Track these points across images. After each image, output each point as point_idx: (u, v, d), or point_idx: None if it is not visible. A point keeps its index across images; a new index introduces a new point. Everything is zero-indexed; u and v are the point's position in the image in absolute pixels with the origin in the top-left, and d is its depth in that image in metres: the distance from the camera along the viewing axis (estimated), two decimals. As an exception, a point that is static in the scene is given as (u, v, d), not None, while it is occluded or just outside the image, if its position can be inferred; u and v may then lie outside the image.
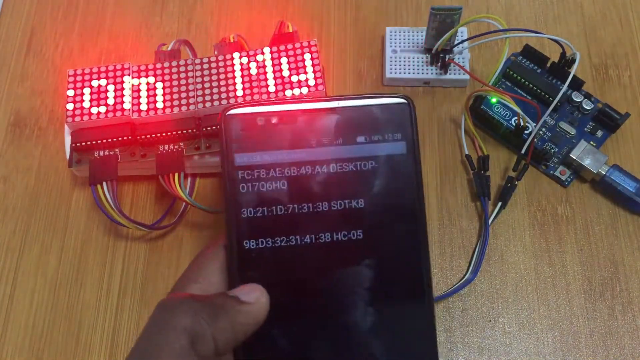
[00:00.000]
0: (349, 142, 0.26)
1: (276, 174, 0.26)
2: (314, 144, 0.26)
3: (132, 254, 0.41)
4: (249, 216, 0.26)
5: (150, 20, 0.49)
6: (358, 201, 0.26)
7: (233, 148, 0.26)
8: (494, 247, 0.41)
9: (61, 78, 0.46)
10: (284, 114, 0.26)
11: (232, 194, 0.26)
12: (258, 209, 0.26)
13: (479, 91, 0.42)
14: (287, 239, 0.26)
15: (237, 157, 0.26)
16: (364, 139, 0.26)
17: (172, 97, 0.40)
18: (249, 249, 0.25)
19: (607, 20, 0.48)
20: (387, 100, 0.27)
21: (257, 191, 0.26)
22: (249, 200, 0.26)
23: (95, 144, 0.39)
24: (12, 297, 0.40)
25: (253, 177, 0.26)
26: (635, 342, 0.38)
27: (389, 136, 0.26)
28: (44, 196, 0.43)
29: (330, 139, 0.26)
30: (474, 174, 0.42)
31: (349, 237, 0.26)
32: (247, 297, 0.24)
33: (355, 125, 0.26)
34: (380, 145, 0.26)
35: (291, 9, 0.49)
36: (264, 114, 0.26)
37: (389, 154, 0.26)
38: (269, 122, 0.26)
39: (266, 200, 0.26)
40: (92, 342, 0.39)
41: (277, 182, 0.26)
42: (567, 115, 0.44)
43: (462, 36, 0.45)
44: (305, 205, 0.26)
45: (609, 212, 0.42)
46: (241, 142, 0.26)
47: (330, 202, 0.26)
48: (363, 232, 0.26)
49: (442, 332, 0.38)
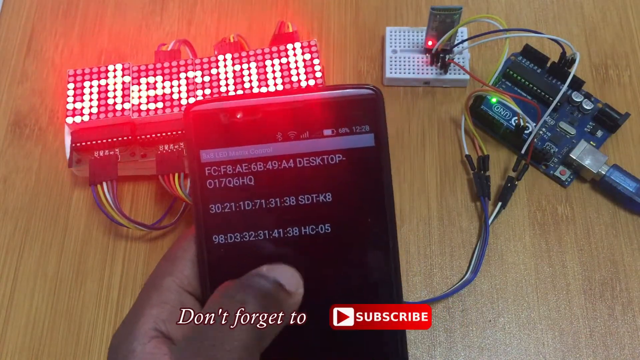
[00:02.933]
0: (315, 135, 0.26)
1: (243, 169, 0.26)
2: (280, 138, 0.26)
3: (132, 254, 0.41)
4: (217, 212, 0.26)
5: (150, 20, 0.49)
6: (326, 195, 0.26)
7: (198, 145, 0.26)
8: (494, 247, 0.41)
9: (61, 78, 0.46)
10: (249, 109, 0.26)
11: (200, 190, 0.26)
12: (226, 205, 0.26)
13: (479, 91, 0.42)
14: (255, 234, 0.26)
15: (203, 154, 0.26)
16: (330, 132, 0.26)
17: (172, 97, 0.40)
18: (217, 243, 0.26)
19: (607, 20, 0.48)
20: (354, 92, 0.26)
21: (224, 187, 0.26)
22: (216, 196, 0.26)
23: (95, 144, 0.39)
24: (12, 297, 0.40)
25: (220, 173, 0.26)
26: (635, 342, 0.38)
27: (357, 128, 0.26)
28: (44, 196, 0.43)
29: (297, 132, 0.26)
30: (474, 174, 0.42)
31: (317, 232, 0.26)
32: (295, 288, 0.24)
33: (322, 118, 0.26)
34: (347, 138, 0.26)
35: (291, 9, 0.49)
36: (228, 110, 0.26)
37: (357, 146, 0.26)
38: (233, 117, 0.26)
39: (233, 196, 0.26)
40: (92, 342, 0.39)
41: (244, 177, 0.26)
42: (567, 115, 0.44)
43: (462, 36, 0.45)
44: (273, 200, 0.26)
45: (609, 212, 0.42)
46: (206, 138, 0.26)
47: (298, 197, 0.26)
48: (331, 226, 0.26)
49: (442, 332, 0.39)
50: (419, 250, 0.41)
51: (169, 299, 0.24)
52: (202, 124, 0.26)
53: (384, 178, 0.26)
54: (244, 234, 0.26)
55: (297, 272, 0.25)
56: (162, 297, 0.24)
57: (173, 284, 0.25)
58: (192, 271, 0.26)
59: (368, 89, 0.26)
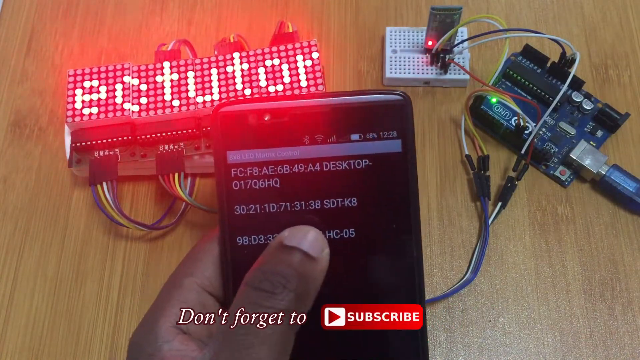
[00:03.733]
0: (342, 139, 0.26)
1: (269, 171, 0.26)
2: (307, 141, 0.26)
3: (132, 254, 0.41)
4: (241, 213, 0.26)
5: (150, 20, 0.49)
6: (351, 200, 0.26)
7: (225, 146, 0.26)
8: (494, 247, 0.41)
9: (61, 78, 0.46)
10: (277, 111, 0.26)
11: (225, 191, 0.26)
12: (251, 206, 0.26)
13: (479, 91, 0.42)
14: None
15: (230, 155, 0.26)
16: (358, 137, 0.26)
17: (172, 97, 0.40)
18: (241, 245, 0.26)
19: (607, 20, 0.48)
20: (383, 97, 0.26)
21: (249, 189, 0.26)
22: (241, 197, 0.26)
23: (95, 144, 0.39)
24: (12, 297, 0.40)
25: (246, 175, 0.26)
26: (635, 342, 0.38)
27: (385, 134, 0.26)
28: (44, 196, 0.43)
29: (324, 136, 0.26)
30: (474, 174, 0.42)
31: (341, 236, 0.26)
32: (320, 252, 0.24)
33: (350, 123, 0.26)
34: (375, 143, 0.26)
35: (291, 9, 0.49)
36: (256, 112, 0.26)
37: (384, 152, 0.26)
38: (261, 119, 0.26)
39: (259, 198, 0.26)
40: (92, 342, 0.39)
41: (270, 180, 0.26)
42: (567, 115, 0.44)
43: (462, 36, 0.45)
44: (298, 204, 0.26)
45: (609, 212, 0.42)
46: (234, 139, 0.26)
47: (323, 201, 0.26)
48: (356, 231, 0.26)
49: (442, 332, 0.39)
50: (419, 250, 0.41)
51: (189, 298, 0.24)
52: (229, 125, 0.26)
53: (410, 184, 0.26)
54: (268, 236, 0.25)
55: (319, 233, 0.25)
56: (183, 296, 0.24)
57: (194, 284, 0.25)
58: (214, 272, 0.26)
59: (397, 95, 0.26)
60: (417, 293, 0.26)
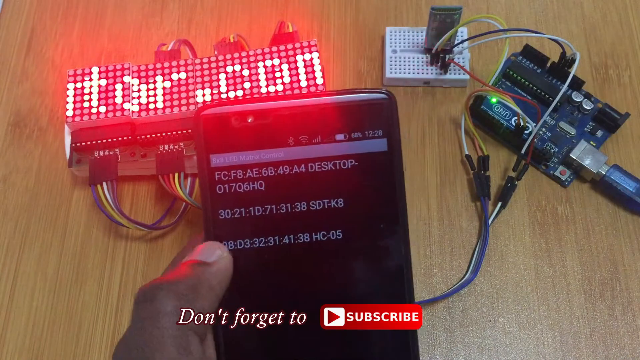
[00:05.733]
0: (327, 140, 0.25)
1: (253, 174, 0.25)
2: (292, 142, 0.25)
3: (132, 254, 0.41)
4: (226, 217, 0.25)
5: (150, 20, 0.49)
6: (337, 201, 0.25)
7: (208, 149, 0.25)
8: (494, 247, 0.41)
9: (61, 78, 0.46)
10: (260, 113, 0.25)
11: (209, 195, 0.25)
12: (235, 210, 0.25)
13: (479, 91, 0.42)
14: (265, 240, 0.25)
15: (213, 158, 0.25)
16: (343, 137, 0.25)
17: (172, 97, 0.40)
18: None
19: (607, 20, 0.48)
20: (368, 96, 0.26)
21: (234, 192, 0.25)
22: (226, 201, 0.25)
23: (95, 144, 0.39)
24: (12, 297, 0.40)
25: (230, 178, 0.25)
26: (635, 342, 0.38)
27: (370, 133, 0.25)
28: (44, 196, 0.43)
29: (308, 137, 0.25)
30: (474, 174, 0.42)
31: (328, 237, 0.25)
32: (211, 257, 0.25)
33: (334, 123, 0.25)
34: (360, 142, 0.25)
35: (291, 9, 0.49)
36: (239, 113, 0.25)
37: (370, 151, 0.25)
38: (245, 121, 0.25)
39: (243, 201, 0.25)
40: (92, 342, 0.39)
41: (254, 182, 0.25)
42: (567, 115, 0.44)
43: (462, 36, 0.45)
44: (284, 206, 0.25)
45: (609, 212, 0.42)
46: (217, 142, 0.25)
47: (309, 202, 0.25)
48: (343, 232, 0.25)
49: (442, 332, 0.38)
50: (419, 250, 0.41)
51: None
52: (212, 128, 0.25)
53: (397, 183, 0.25)
54: (254, 240, 0.25)
55: (212, 243, 0.25)
56: None
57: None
58: None
59: (381, 93, 0.26)
60: (407, 293, 0.25)
